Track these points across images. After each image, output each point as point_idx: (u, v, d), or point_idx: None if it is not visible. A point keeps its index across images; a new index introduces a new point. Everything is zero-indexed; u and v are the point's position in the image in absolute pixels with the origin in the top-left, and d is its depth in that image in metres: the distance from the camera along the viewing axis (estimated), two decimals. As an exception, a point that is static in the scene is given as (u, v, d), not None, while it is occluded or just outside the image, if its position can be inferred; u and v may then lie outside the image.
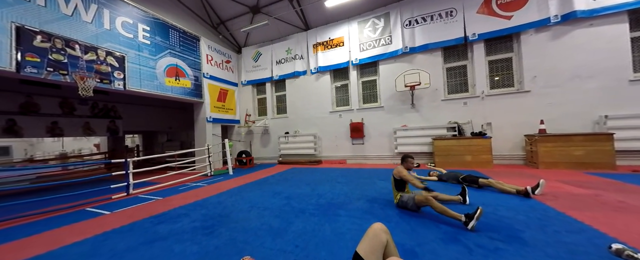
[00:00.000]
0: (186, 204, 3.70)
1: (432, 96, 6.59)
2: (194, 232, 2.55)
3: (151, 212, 3.39)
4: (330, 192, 3.98)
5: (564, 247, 1.76)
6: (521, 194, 3.05)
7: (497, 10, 5.83)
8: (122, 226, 2.87)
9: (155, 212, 3.34)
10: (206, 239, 2.36)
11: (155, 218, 3.11)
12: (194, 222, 2.86)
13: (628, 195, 2.91)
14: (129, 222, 3.00)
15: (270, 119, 9.27)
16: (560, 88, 5.33)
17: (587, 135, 4.74)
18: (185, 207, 3.54)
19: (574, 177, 3.97)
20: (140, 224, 2.93)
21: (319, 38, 8.18)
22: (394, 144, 6.94)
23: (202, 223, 2.83)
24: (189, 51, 7.53)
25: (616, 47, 4.93)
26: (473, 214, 2.12)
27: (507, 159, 5.78)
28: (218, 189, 4.69)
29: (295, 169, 7.01)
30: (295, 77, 8.71)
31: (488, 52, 6.14)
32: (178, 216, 3.14)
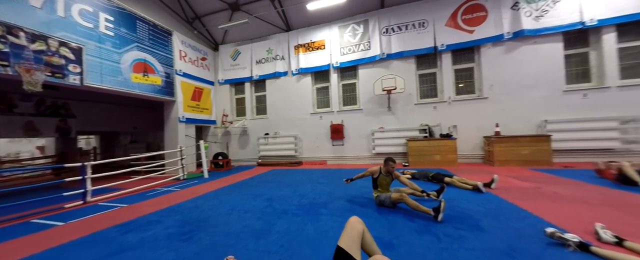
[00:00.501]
0: (157, 210, 3.46)
1: (406, 100, 7.06)
2: (170, 239, 2.41)
3: (116, 220, 3.10)
4: (312, 192, 4.04)
5: (513, 232, 2.09)
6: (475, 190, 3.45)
7: (461, 25, 6.50)
8: (81, 237, 2.58)
9: (121, 220, 3.06)
10: (184, 245, 2.26)
11: (121, 227, 2.85)
12: (168, 229, 2.70)
13: (560, 187, 3.50)
14: (90, 232, 2.72)
15: (249, 119, 9.03)
16: (511, 96, 6.13)
17: (531, 136, 5.54)
18: (157, 214, 3.30)
19: (521, 173, 4.61)
20: (104, 233, 2.67)
21: (300, 40, 8.22)
22: (371, 144, 7.27)
23: (177, 229, 2.68)
24: (160, 46, 7.00)
25: (553, 62, 5.86)
26: (438, 207, 2.39)
27: (469, 158, 6.45)
28: (193, 193, 4.45)
29: (276, 170, 6.93)
30: (276, 77, 8.62)
31: (454, 62, 6.80)
32: (149, 223, 2.92)
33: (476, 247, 1.86)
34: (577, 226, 2.11)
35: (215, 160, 7.87)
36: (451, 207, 2.77)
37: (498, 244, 1.90)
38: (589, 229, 1.97)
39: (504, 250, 1.80)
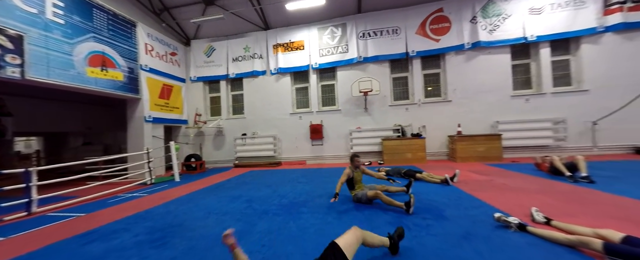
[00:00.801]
0: (123, 218, 3.18)
1: (382, 102, 7.48)
2: (140, 247, 2.26)
3: (74, 230, 2.79)
4: (292, 192, 4.08)
5: (470, 219, 2.42)
6: (444, 183, 3.87)
7: (429, 33, 7.10)
8: (29, 252, 2.28)
9: (80, 231, 2.76)
10: (157, 252, 2.14)
11: (81, 237, 2.58)
12: (137, 236, 2.52)
13: (507, 179, 4.09)
14: (42, 245, 2.41)
15: (225, 119, 8.67)
16: (470, 99, 6.89)
17: (486, 135, 6.31)
18: (123, 222, 3.04)
19: (478, 168, 5.24)
20: (61, 246, 2.39)
21: (279, 39, 8.15)
22: (349, 144, 7.54)
23: (148, 236, 2.51)
24: (122, 38, 6.36)
25: (503, 70, 6.74)
26: (409, 202, 2.66)
27: (436, 155, 7.08)
28: (163, 198, 4.16)
29: (254, 171, 6.79)
30: (254, 76, 8.42)
31: (423, 67, 7.40)
32: (114, 232, 2.68)
33: (439, 233, 2.12)
34: (518, 211, 2.51)
35: (187, 162, 7.40)
36: (420, 200, 3.07)
37: (457, 229, 2.19)
38: (527, 212, 2.37)
39: (462, 234, 2.08)
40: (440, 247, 1.87)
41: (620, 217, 2.29)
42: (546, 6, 6.37)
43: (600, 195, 2.96)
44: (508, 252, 1.75)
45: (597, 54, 6.23)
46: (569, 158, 4.05)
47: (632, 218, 2.25)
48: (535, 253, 1.72)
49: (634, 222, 2.14)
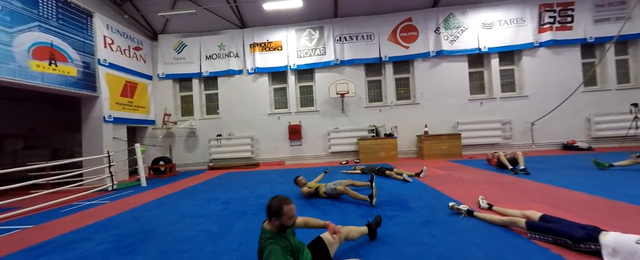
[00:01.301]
0: (81, 227, 2.91)
1: (357, 103, 7.84)
2: (106, 256, 2.13)
3: (21, 244, 2.49)
4: (270, 192, 4.11)
5: (430, 208, 2.76)
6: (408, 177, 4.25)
7: (400, 41, 7.66)
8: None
9: (30, 244, 2.47)
10: (127, 259, 2.03)
11: (31, 250, 2.32)
12: (101, 245, 2.35)
13: (464, 173, 4.66)
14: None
15: (198, 119, 8.26)
16: (435, 102, 7.60)
17: (448, 135, 7.03)
18: (81, 231, 2.79)
19: (441, 164, 5.83)
20: (7, 262, 2.12)
21: (256, 38, 8.04)
22: (327, 144, 7.76)
23: (114, 244, 2.36)
24: (75, 28, 5.71)
25: (462, 77, 7.57)
26: (371, 194, 2.95)
27: (406, 153, 7.65)
28: (129, 205, 3.88)
29: (231, 173, 6.61)
30: (230, 75, 8.17)
31: (395, 72, 7.95)
32: (72, 242, 2.46)
33: (404, 222, 2.39)
34: (469, 199, 2.93)
35: (155, 166, 6.89)
36: (389, 194, 3.38)
37: (419, 218, 2.48)
38: (475, 200, 2.78)
39: (422, 222, 2.38)
40: (404, 234, 2.13)
41: (544, 201, 2.82)
42: (495, 22, 7.34)
43: (533, 184, 3.57)
44: (457, 234, 2.07)
45: (535, 65, 7.36)
46: (512, 154, 4.75)
47: (552, 201, 2.78)
48: (477, 233, 2.06)
49: (553, 205, 2.66)
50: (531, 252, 1.69)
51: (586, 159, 4.77)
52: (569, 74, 7.15)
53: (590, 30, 7.10)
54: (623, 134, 6.63)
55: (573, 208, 2.51)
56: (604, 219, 2.17)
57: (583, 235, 1.60)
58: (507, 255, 1.68)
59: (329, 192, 3.32)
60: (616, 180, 3.47)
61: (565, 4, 7.20)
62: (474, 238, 1.96)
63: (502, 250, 1.74)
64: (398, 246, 1.90)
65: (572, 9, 7.20)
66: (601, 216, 2.25)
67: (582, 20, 7.13)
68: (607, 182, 3.39)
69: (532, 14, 7.26)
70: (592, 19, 7.13)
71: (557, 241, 1.71)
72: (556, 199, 2.86)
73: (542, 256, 1.64)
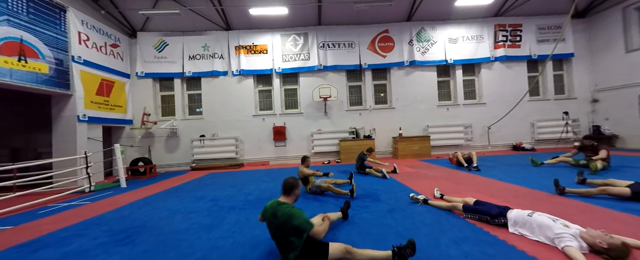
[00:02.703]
0: (68, 226, 2.97)
1: (339, 107, 8.35)
2: (105, 247, 2.30)
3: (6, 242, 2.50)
4: (256, 190, 4.38)
5: (396, 199, 3.29)
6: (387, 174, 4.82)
7: (378, 50, 8.34)
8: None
9: (18, 242, 2.51)
10: (126, 249, 2.24)
11: (23, 247, 2.40)
12: (96, 239, 2.50)
13: (429, 170, 5.36)
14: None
15: (180, 120, 8.16)
16: (409, 107, 8.39)
17: (419, 137, 7.83)
18: (70, 229, 2.86)
19: (413, 163, 6.54)
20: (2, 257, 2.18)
21: (242, 41, 8.19)
22: (311, 145, 8.15)
23: (111, 237, 2.52)
24: (47, 24, 5.46)
25: (431, 85, 8.46)
26: (352, 189, 3.43)
27: (383, 154, 8.33)
28: (113, 204, 3.91)
29: (215, 174, 6.69)
30: (214, 76, 8.21)
31: (374, 78, 8.60)
32: (65, 239, 2.56)
33: (374, 211, 2.88)
34: (429, 191, 3.51)
35: (134, 166, 6.72)
36: (364, 189, 3.88)
37: (386, 207, 3.00)
38: (432, 192, 3.36)
39: (388, 210, 2.89)
40: (372, 219, 2.61)
41: (485, 191, 3.50)
42: (459, 37, 8.34)
43: (480, 179, 4.31)
44: (413, 217, 2.60)
45: (491, 77, 8.48)
46: (468, 154, 5.55)
47: (489, 191, 3.47)
48: (428, 216, 2.60)
49: (489, 193, 3.34)
50: (462, 227, 2.25)
51: (526, 158, 5.74)
52: (517, 85, 8.37)
53: (534, 49, 8.39)
54: (557, 137, 7.96)
55: (503, 195, 3.19)
56: (520, 202, 2.86)
57: (497, 213, 2.19)
58: (445, 229, 2.22)
59: (314, 189, 3.72)
60: (541, 174, 4.33)
61: (515, 25, 8.43)
62: (425, 220, 2.49)
63: (443, 227, 2.28)
64: (365, 227, 2.37)
65: (521, 30, 8.45)
66: (520, 200, 2.94)
67: (528, 40, 8.40)
68: (534, 176, 4.23)
69: (489, 32, 8.38)
70: (536, 39, 8.44)
71: (481, 218, 2.29)
72: (493, 189, 3.57)
73: (469, 229, 2.20)
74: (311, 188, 3.76)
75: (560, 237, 1.71)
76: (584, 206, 2.67)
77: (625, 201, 2.69)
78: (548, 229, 1.81)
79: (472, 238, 2.01)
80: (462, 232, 2.13)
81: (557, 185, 3.10)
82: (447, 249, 1.85)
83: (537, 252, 1.74)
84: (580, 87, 8.53)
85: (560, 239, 1.70)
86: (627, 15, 7.57)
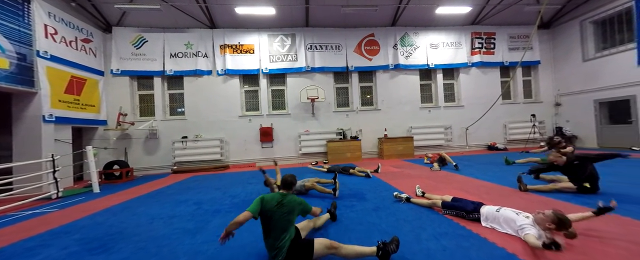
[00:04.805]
0: (33, 235, 2.74)
1: (327, 108, 8.44)
2: (76, 257, 2.15)
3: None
4: (243, 192, 4.31)
5: (380, 198, 3.41)
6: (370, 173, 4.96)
7: (364, 53, 8.54)
8: None
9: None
10: (101, 257, 2.11)
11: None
12: (66, 249, 2.32)
13: (412, 169, 5.59)
14: None
15: (161, 120, 7.78)
16: (394, 109, 8.68)
17: (404, 137, 8.13)
18: (34, 239, 2.64)
19: (397, 163, 6.78)
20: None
21: (227, 40, 7.99)
22: (298, 146, 8.15)
23: (83, 246, 2.36)
24: (8, 15, 4.99)
25: (415, 88, 8.82)
26: (335, 188, 3.50)
27: (369, 154, 8.54)
28: (84, 211, 3.65)
29: (199, 176, 6.46)
30: (198, 75, 7.94)
31: (360, 80, 8.80)
32: (29, 249, 2.36)
33: (359, 210, 2.97)
34: (410, 189, 3.67)
35: (108, 170, 6.30)
36: (350, 189, 3.98)
37: (371, 205, 3.10)
38: (414, 189, 3.52)
39: (373, 208, 2.99)
40: (358, 217, 2.69)
41: (462, 188, 3.74)
42: (440, 43, 8.79)
43: (459, 177, 4.58)
44: (397, 214, 2.73)
45: (468, 81, 9.03)
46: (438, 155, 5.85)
47: (466, 188, 3.72)
48: (410, 213, 2.74)
49: (465, 190, 3.58)
50: (441, 222, 2.40)
51: (500, 157, 6.19)
52: (492, 89, 8.99)
53: (506, 56, 9.07)
54: (526, 137, 8.66)
55: (477, 192, 3.44)
56: (492, 198, 3.10)
57: (471, 208, 2.37)
58: (426, 225, 2.36)
59: (298, 188, 3.72)
60: (512, 172, 4.68)
61: (489, 34, 9.05)
62: (408, 217, 2.62)
63: (424, 223, 2.42)
64: (351, 225, 2.45)
65: (494, 38, 9.10)
66: (491, 196, 3.19)
67: (501, 48, 9.06)
68: (505, 174, 4.58)
69: (466, 39, 8.92)
70: (507, 47, 9.13)
71: (458, 214, 2.46)
72: (469, 186, 3.82)
73: (447, 225, 2.36)
74: (296, 188, 3.75)
75: (523, 227, 1.89)
76: (545, 200, 2.97)
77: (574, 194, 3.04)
78: (513, 221, 2.00)
79: (450, 233, 2.15)
80: (441, 228, 2.27)
81: (521, 182, 3.40)
82: (427, 243, 1.97)
83: (506, 243, 1.91)
84: (546, 92, 9.35)
85: (523, 229, 1.89)
86: (583, 27, 8.44)
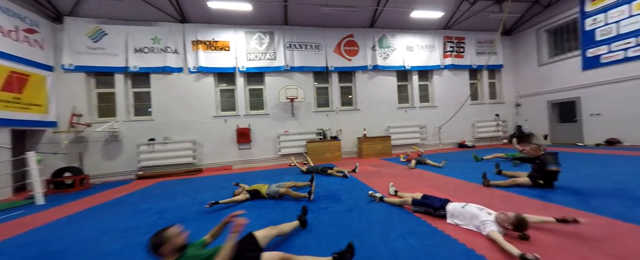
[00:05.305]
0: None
1: (306, 108, 8.34)
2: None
3: None
4: (214, 197, 4.02)
5: (355, 198, 3.41)
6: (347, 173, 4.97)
7: (344, 53, 8.60)
8: None
9: None
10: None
11: None
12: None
13: (388, 168, 5.73)
14: None
15: (124, 121, 7.09)
16: (372, 109, 8.86)
17: (382, 137, 8.33)
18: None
19: (375, 162, 6.91)
20: None
21: (200, 36, 7.53)
22: (278, 147, 7.95)
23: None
24: None
25: (392, 89, 9.09)
26: (310, 191, 3.43)
27: (349, 154, 8.61)
28: (20, 227, 3.17)
29: (167, 182, 5.98)
30: (167, 73, 7.37)
31: (340, 80, 8.84)
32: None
33: (333, 212, 2.93)
34: (385, 188, 3.73)
35: (58, 178, 5.58)
36: (326, 190, 3.93)
37: (345, 206, 3.08)
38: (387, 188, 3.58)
39: (346, 209, 2.97)
40: (331, 220, 2.64)
41: (434, 186, 3.88)
42: (415, 46, 9.16)
43: (430, 174, 4.77)
44: (369, 215, 2.73)
45: (441, 82, 9.52)
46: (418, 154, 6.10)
47: (437, 185, 3.88)
48: (382, 213, 2.76)
49: (436, 187, 3.72)
50: (410, 221, 2.45)
51: (469, 154, 6.59)
52: (462, 90, 9.58)
53: (474, 60, 9.72)
54: (491, 135, 9.37)
55: (446, 189, 3.59)
56: (459, 194, 3.25)
57: (438, 205, 2.44)
58: (395, 224, 2.38)
59: (271, 193, 3.60)
60: (478, 169, 4.99)
61: (459, 38, 9.63)
62: (379, 217, 2.63)
63: (393, 222, 2.44)
64: (322, 230, 2.38)
65: (464, 42, 9.70)
66: (458, 193, 3.35)
67: (469, 52, 9.69)
68: (472, 170, 4.86)
69: (439, 43, 9.40)
70: (475, 51, 9.79)
71: (426, 211, 2.53)
72: (439, 183, 4.00)
73: (415, 223, 2.41)
74: (268, 192, 3.63)
75: (485, 223, 1.98)
76: (505, 194, 3.19)
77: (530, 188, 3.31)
78: (476, 217, 2.08)
79: (417, 231, 2.19)
80: (409, 226, 2.31)
81: (485, 178, 3.63)
82: (394, 243, 1.98)
83: (467, 239, 1.98)
84: (508, 93, 10.20)
85: (485, 225, 1.97)
86: (539, 35, 9.34)
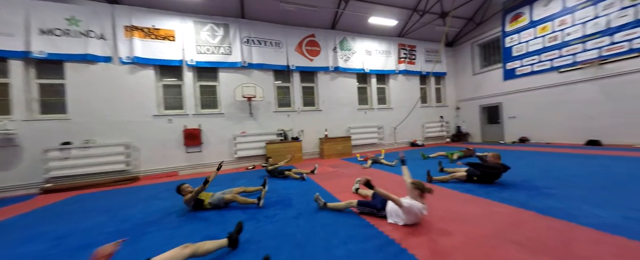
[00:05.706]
0: None
1: (266, 108, 7.95)
2: None
3: None
4: (141, 212, 3.40)
5: (307, 203, 3.26)
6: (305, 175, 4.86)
7: (306, 53, 8.48)
8: None
9: None
10: None
11: None
12: None
13: (346, 168, 5.84)
14: None
15: (22, 120, 5.56)
16: (334, 110, 8.98)
17: (343, 137, 8.50)
18: None
19: (335, 162, 6.98)
20: None
21: (136, 21, 6.43)
22: (233, 149, 7.35)
23: None
24: None
25: (352, 90, 9.38)
26: (260, 196, 3.16)
27: (311, 154, 8.55)
28: None
29: (86, 195, 4.90)
30: (90, 62, 6.07)
31: (301, 80, 8.68)
32: None
33: (280, 219, 2.74)
34: (341, 190, 3.72)
35: None
36: (280, 194, 3.72)
37: (294, 213, 2.93)
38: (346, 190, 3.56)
39: (294, 216, 2.82)
40: (275, 229, 2.45)
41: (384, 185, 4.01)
42: (373, 51, 9.64)
43: (383, 174, 5.03)
44: (316, 220, 2.65)
45: (396, 86, 10.25)
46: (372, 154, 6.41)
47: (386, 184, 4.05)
48: (329, 217, 2.70)
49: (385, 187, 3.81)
50: (354, 224, 2.46)
51: (419, 152, 7.19)
52: (413, 94, 10.49)
53: (423, 67, 10.75)
54: (436, 135, 10.51)
55: (392, 187, 3.78)
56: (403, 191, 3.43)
57: (380, 205, 2.50)
58: (339, 227, 2.35)
59: (215, 202, 3.18)
60: (423, 166, 5.48)
61: (411, 46, 10.53)
62: (325, 221, 2.57)
63: (339, 225, 2.41)
64: (264, 242, 2.18)
65: (415, 50, 10.64)
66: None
67: (419, 59, 10.68)
68: (419, 168, 5.28)
69: (394, 49, 10.10)
70: (424, 59, 10.84)
71: (371, 212, 2.57)
72: (388, 181, 4.24)
73: (359, 225, 2.41)
74: (211, 202, 3.18)
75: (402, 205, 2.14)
76: (444, 191, 3.51)
77: (466, 183, 3.72)
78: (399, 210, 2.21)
79: (358, 235, 2.18)
80: (353, 230, 2.29)
81: (428, 175, 3.96)
82: (335, 250, 1.92)
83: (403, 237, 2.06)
84: (450, 98, 11.62)
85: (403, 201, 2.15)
86: (473, 48, 10.87)
